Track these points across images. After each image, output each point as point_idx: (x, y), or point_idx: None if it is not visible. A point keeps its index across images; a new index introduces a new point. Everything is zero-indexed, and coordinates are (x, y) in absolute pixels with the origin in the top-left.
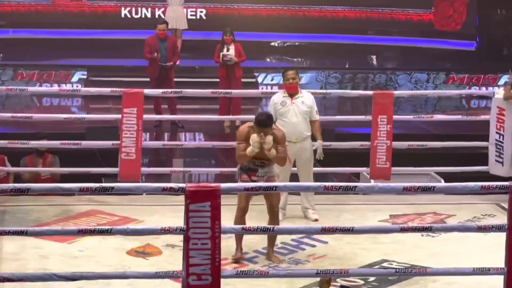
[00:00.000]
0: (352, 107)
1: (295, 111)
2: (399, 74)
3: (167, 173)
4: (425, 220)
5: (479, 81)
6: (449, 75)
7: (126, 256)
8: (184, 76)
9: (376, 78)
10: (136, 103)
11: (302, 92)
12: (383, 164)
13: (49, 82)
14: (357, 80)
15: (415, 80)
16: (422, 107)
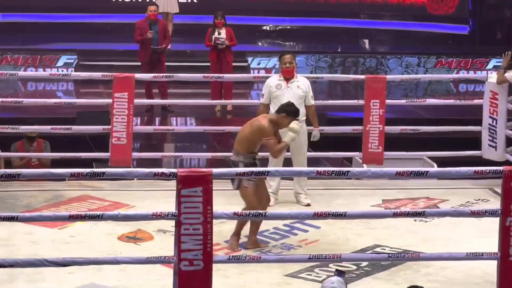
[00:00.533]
0: (343, 91)
1: (290, 95)
2: (390, 58)
3: (158, 158)
4: (418, 205)
5: (467, 65)
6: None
7: (117, 242)
8: (175, 60)
9: (367, 62)
10: (127, 87)
11: (297, 76)
12: (376, 149)
13: (35, 66)
14: (348, 64)
15: (405, 64)
16: (413, 91)
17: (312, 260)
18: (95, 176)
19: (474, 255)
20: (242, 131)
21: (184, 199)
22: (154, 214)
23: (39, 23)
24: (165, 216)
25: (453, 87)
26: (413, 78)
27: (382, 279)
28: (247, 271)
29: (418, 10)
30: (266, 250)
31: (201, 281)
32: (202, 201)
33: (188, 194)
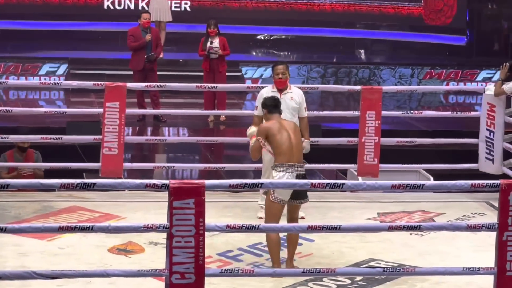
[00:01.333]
0: (335, 101)
1: (283, 107)
2: (383, 68)
3: (150, 168)
4: (413, 219)
5: (457, 76)
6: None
7: (107, 254)
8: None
9: (360, 72)
10: (118, 97)
11: (291, 87)
12: (371, 161)
13: (16, 74)
14: (340, 75)
15: (399, 75)
16: (406, 103)
17: (306, 274)
18: (85, 187)
19: (470, 270)
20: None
21: (176, 211)
22: (145, 226)
23: (30, 31)
24: (157, 228)
25: (442, 99)
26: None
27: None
28: (239, 285)
29: (414, 20)
30: (259, 264)
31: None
32: (194, 213)
33: (180, 206)
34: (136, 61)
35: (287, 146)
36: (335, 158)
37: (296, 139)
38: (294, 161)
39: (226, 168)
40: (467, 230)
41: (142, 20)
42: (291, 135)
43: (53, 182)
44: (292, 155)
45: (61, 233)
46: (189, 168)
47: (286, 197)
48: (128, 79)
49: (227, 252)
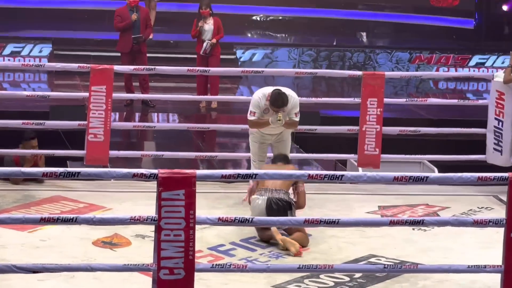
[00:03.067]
0: (328, 87)
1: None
2: (380, 52)
3: (138, 157)
4: (416, 213)
5: (448, 61)
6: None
7: (92, 247)
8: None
9: (354, 56)
10: (105, 80)
11: None
12: (372, 151)
13: None
14: (334, 59)
15: (396, 59)
16: (404, 89)
17: (301, 270)
18: (69, 175)
19: (476, 267)
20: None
21: (165, 203)
22: (132, 218)
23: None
24: (144, 220)
25: (432, 85)
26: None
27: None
28: (231, 280)
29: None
30: (252, 259)
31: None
32: (184, 205)
33: (169, 197)
34: (123, 42)
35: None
36: (334, 147)
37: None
38: (267, 185)
39: (218, 157)
40: (473, 226)
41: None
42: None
43: (34, 170)
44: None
45: (43, 224)
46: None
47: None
48: (116, 62)
49: (218, 246)
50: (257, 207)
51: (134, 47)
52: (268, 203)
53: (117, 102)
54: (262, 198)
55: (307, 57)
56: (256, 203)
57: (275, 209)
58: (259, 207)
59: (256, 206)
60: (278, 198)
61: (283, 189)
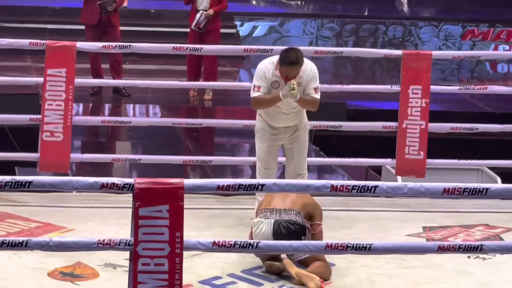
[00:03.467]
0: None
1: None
2: (423, 26)
3: (107, 161)
4: (473, 236)
5: (509, 38)
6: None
7: (47, 280)
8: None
9: (390, 31)
10: (65, 61)
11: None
12: (415, 155)
13: None
14: (362, 33)
15: (444, 34)
16: (455, 73)
17: None
18: (17, 186)
19: None
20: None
21: (143, 222)
22: (100, 242)
23: None
24: (116, 245)
25: (489, 68)
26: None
27: None
28: None
29: None
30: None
31: None
32: (168, 225)
33: (149, 215)
34: (89, 12)
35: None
36: (364, 150)
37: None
38: (274, 205)
39: (213, 162)
40: None
41: None
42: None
43: None
44: (273, 198)
45: None
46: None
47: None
48: (79, 37)
49: (213, 279)
50: (261, 234)
51: (103, 18)
52: (276, 228)
53: (81, 90)
54: (267, 221)
55: (328, 31)
56: (259, 229)
57: (284, 234)
58: (264, 233)
59: (259, 232)
60: (289, 221)
61: (295, 209)
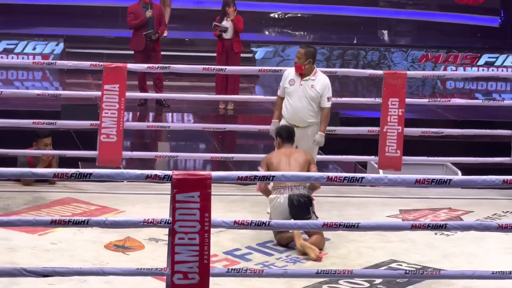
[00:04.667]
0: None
1: (300, 95)
2: (395, 51)
3: (151, 158)
4: (439, 217)
5: (455, 60)
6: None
7: (104, 251)
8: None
9: (369, 55)
10: (118, 78)
11: (317, 74)
12: (394, 153)
13: None
14: (347, 57)
15: (412, 58)
16: (420, 89)
17: (320, 276)
18: (81, 177)
19: (501, 273)
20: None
21: (179, 205)
22: (145, 221)
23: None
24: (158, 223)
25: (440, 85)
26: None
27: None
28: (247, 286)
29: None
30: (269, 264)
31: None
32: (199, 208)
33: (183, 200)
34: (137, 40)
35: (282, 169)
36: (353, 149)
37: (295, 163)
38: (286, 182)
39: (234, 158)
40: (497, 231)
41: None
42: (290, 160)
43: (46, 171)
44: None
45: (54, 227)
46: (194, 158)
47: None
48: (129, 60)
49: (234, 251)
50: (279, 206)
51: (148, 45)
52: (290, 201)
53: (131, 101)
54: (283, 196)
55: (320, 55)
56: (278, 202)
57: (296, 206)
58: (281, 206)
59: (277, 205)
60: (299, 195)
61: (301, 184)
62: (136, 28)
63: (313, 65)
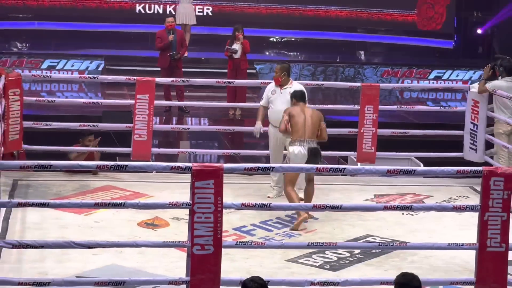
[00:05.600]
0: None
1: (282, 100)
2: (367, 68)
3: (175, 153)
4: (405, 200)
5: (411, 75)
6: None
7: (137, 227)
8: (192, 66)
9: (346, 71)
10: (148, 90)
11: (292, 83)
12: (369, 149)
13: (21, 68)
14: (328, 73)
15: (380, 73)
16: (387, 98)
17: (310, 247)
18: (118, 168)
19: (455, 245)
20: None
21: (198, 191)
22: (170, 204)
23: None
24: (180, 205)
25: (398, 95)
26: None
27: (373, 266)
28: (252, 256)
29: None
30: (270, 238)
31: (212, 264)
32: (213, 193)
33: (201, 186)
34: (163, 59)
35: (301, 126)
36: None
37: (311, 120)
38: (305, 137)
39: (241, 154)
40: (452, 211)
41: (166, 23)
42: (307, 117)
43: (90, 163)
44: (304, 132)
45: (97, 208)
46: (209, 153)
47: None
48: (157, 75)
49: (241, 227)
50: (300, 155)
51: (171, 63)
52: (309, 151)
53: (158, 108)
54: (303, 148)
55: (307, 71)
56: (299, 152)
57: (312, 155)
58: (303, 156)
59: (298, 155)
60: (313, 147)
61: (314, 139)
62: (162, 50)
63: (289, 77)
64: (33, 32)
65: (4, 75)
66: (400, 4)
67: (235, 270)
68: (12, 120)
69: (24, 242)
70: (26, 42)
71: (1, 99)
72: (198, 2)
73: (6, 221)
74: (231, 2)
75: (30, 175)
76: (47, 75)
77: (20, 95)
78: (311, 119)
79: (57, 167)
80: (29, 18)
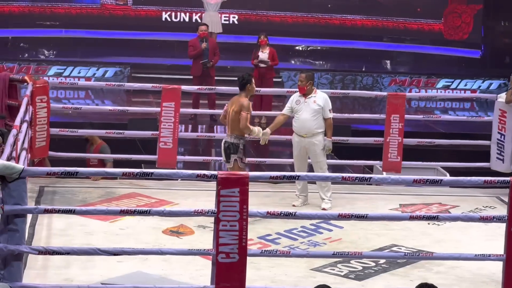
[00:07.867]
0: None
1: (306, 109)
2: (385, 77)
3: (200, 161)
4: (431, 210)
5: (419, 84)
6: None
7: (162, 235)
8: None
9: (364, 80)
10: (174, 98)
11: (317, 92)
12: (395, 158)
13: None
14: (346, 81)
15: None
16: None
17: (335, 256)
18: (144, 175)
19: (482, 256)
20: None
21: (223, 199)
22: (195, 211)
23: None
24: (205, 213)
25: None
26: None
27: (398, 275)
28: (277, 264)
29: (435, 35)
30: (294, 246)
31: (236, 272)
32: (239, 201)
33: (226, 194)
34: (195, 67)
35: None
36: (363, 155)
37: (231, 114)
38: (228, 132)
39: (267, 162)
40: (479, 221)
41: (199, 31)
42: (230, 111)
43: (116, 171)
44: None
45: (122, 215)
46: None
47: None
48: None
49: (266, 236)
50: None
51: (204, 71)
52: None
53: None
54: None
55: (325, 79)
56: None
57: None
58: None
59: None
60: (225, 142)
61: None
62: (194, 58)
63: (313, 86)
64: (60, 40)
65: (32, 82)
66: (426, 14)
67: (260, 278)
68: (39, 127)
69: (50, 248)
70: (53, 49)
71: (29, 106)
72: (224, 10)
73: (32, 227)
74: (257, 10)
75: (56, 182)
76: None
77: (47, 102)
78: (232, 113)
79: (83, 174)
80: (56, 25)
